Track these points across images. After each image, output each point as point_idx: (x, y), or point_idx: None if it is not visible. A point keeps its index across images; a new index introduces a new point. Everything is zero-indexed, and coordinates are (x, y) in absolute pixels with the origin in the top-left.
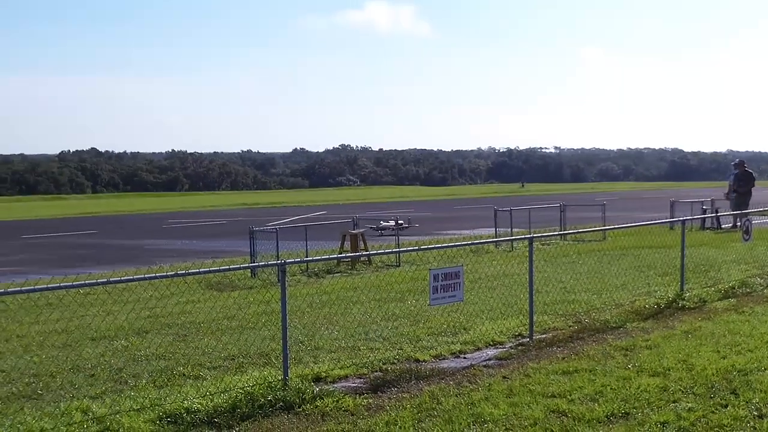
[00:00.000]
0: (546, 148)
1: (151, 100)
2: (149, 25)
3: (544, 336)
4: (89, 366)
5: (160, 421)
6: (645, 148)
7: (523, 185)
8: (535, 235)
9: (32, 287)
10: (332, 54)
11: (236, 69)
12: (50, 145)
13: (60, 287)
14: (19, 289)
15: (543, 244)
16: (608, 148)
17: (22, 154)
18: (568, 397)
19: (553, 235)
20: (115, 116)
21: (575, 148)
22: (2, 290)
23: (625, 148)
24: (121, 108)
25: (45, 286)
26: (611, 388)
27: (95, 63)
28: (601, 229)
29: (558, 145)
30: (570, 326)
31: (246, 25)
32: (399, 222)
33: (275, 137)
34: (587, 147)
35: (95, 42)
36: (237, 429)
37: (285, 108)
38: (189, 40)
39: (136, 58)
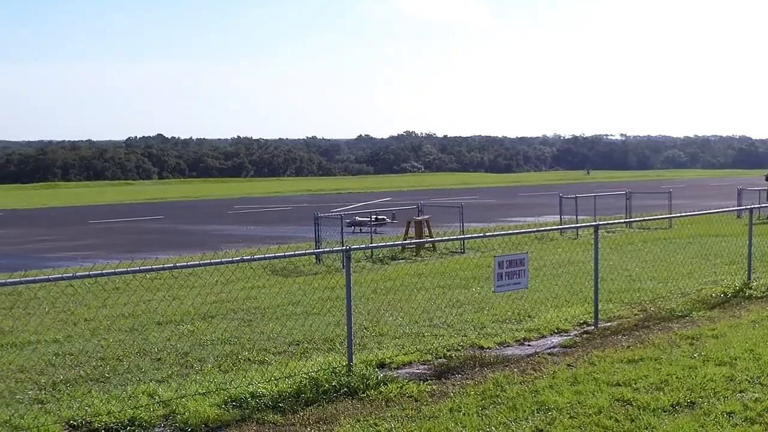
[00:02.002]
0: (612, 135)
1: (217, 87)
2: (214, 12)
3: (609, 324)
4: (155, 350)
5: (225, 405)
6: (712, 136)
7: (588, 172)
8: (600, 223)
9: (100, 272)
10: (394, 40)
11: (301, 55)
12: (117, 132)
13: (127, 272)
14: (87, 273)
15: (608, 232)
16: (675, 136)
17: (89, 140)
18: (633, 385)
19: (619, 222)
20: (182, 102)
21: (641, 135)
22: (70, 274)
23: (691, 135)
24: (187, 94)
25: (112, 270)
26: (677, 377)
27: (161, 49)
28: (667, 217)
29: (624, 132)
30: (635, 314)
31: (310, 11)
32: (379, 217)
33: (340, 124)
34: (653, 134)
35: (160, 28)
36: (301, 414)
37: (350, 94)
38: (253, 26)
39: (201, 44)
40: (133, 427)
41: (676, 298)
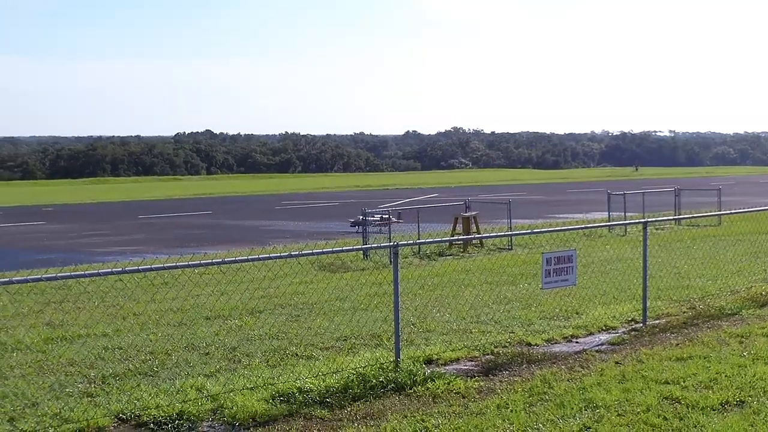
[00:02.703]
0: (660, 131)
1: (265, 83)
2: (263, 10)
3: (657, 322)
4: (204, 344)
5: (272, 399)
6: (762, 132)
7: (636, 169)
8: (649, 220)
9: (149, 266)
10: (441, 37)
11: (348, 51)
12: (166, 127)
13: (176, 267)
14: (136, 268)
15: (657, 229)
16: (724, 132)
17: (138, 136)
18: (682, 383)
19: (668, 219)
20: (230, 98)
21: (690, 131)
22: (120, 269)
23: (741, 132)
24: (236, 90)
25: (161, 265)
26: (726, 376)
27: (210, 46)
28: (717, 214)
29: (673, 129)
30: (684, 312)
31: (357, 8)
32: (384, 216)
33: (388, 120)
34: (702, 130)
35: (209, 26)
36: (349, 409)
37: (397, 91)
38: (301, 24)
39: (249, 41)
40: (181, 421)
41: (726, 296)
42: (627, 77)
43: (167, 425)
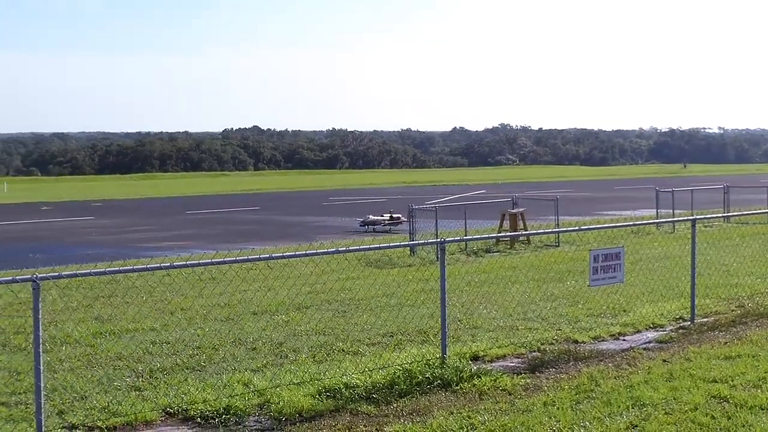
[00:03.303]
0: (709, 128)
1: (312, 79)
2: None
3: (705, 320)
4: (251, 339)
5: (319, 395)
6: None
7: (685, 166)
8: (697, 217)
9: (197, 262)
10: (488, 33)
11: (395, 46)
12: (214, 123)
13: (223, 262)
14: (184, 263)
15: (705, 226)
16: None
17: (186, 132)
18: (730, 382)
19: (717, 217)
20: (278, 94)
21: (740, 128)
22: (168, 264)
23: None
24: (283, 86)
25: (209, 260)
26: None
27: (257, 41)
28: (767, 212)
29: (722, 126)
30: (732, 310)
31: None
32: (394, 216)
33: (435, 116)
34: (752, 127)
35: (256, 20)
36: (395, 405)
37: (444, 87)
38: (348, 19)
39: (297, 36)
40: (228, 416)
41: None
42: (676, 73)
43: (214, 420)
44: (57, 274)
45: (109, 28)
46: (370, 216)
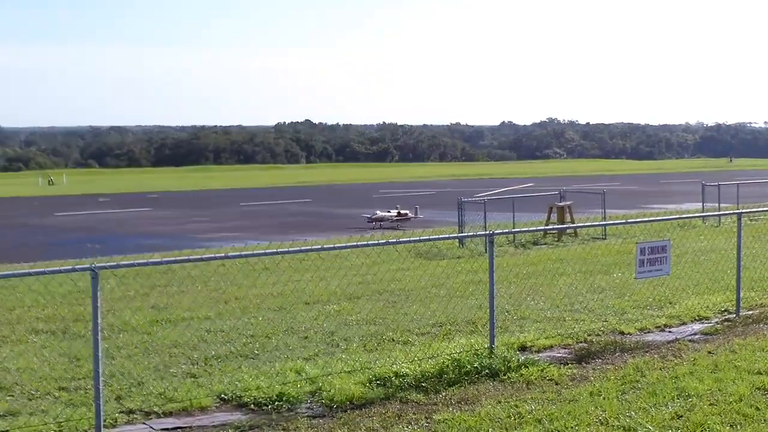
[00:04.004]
0: (755, 123)
1: (363, 74)
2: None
3: (750, 312)
4: (303, 329)
5: (369, 383)
6: None
7: (731, 160)
8: (743, 211)
9: (250, 252)
10: (536, 28)
11: (444, 41)
12: (267, 117)
13: (276, 253)
14: (238, 254)
15: (751, 220)
16: None
17: (240, 125)
18: None
19: (763, 210)
20: (329, 89)
21: None
22: (222, 254)
23: None
24: (335, 81)
25: (262, 251)
26: None
27: (309, 37)
28: None
29: None
30: None
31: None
32: (402, 212)
33: (483, 110)
34: None
35: (304, 17)
36: (444, 394)
37: (493, 81)
38: (398, 15)
39: (348, 33)
40: (280, 402)
41: None
42: (723, 68)
43: (267, 406)
44: (115, 263)
45: (167, 24)
46: (378, 212)
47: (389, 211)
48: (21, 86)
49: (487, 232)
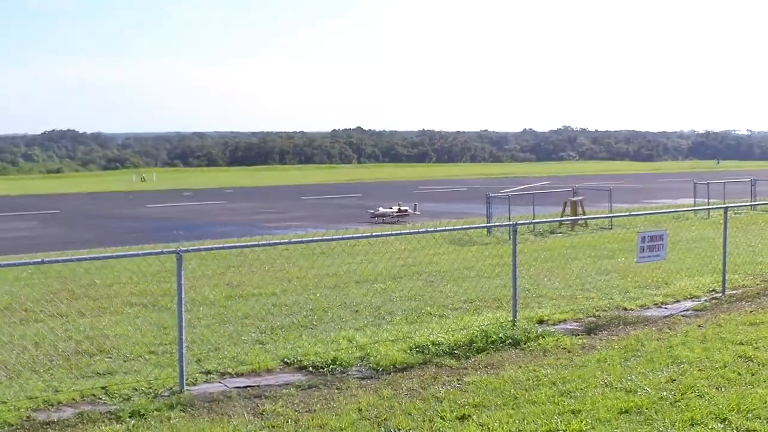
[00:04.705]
0: (739, 130)
1: (406, 87)
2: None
3: (734, 292)
4: (354, 303)
5: (410, 350)
6: None
7: (718, 162)
8: (729, 205)
9: (310, 238)
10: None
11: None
12: (324, 124)
13: (332, 239)
14: (300, 239)
15: (735, 213)
16: None
17: (302, 131)
18: (754, 344)
19: (745, 205)
20: (376, 100)
21: (765, 130)
22: (286, 240)
23: None
24: (381, 93)
25: (320, 238)
26: None
27: (361, 55)
28: None
29: (750, 128)
30: (757, 284)
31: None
32: (402, 208)
33: (508, 119)
34: None
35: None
36: (473, 360)
37: (516, 94)
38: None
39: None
40: (334, 366)
41: None
42: (712, 84)
43: (323, 369)
44: (196, 247)
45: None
46: (380, 209)
47: (391, 208)
48: (118, 97)
49: (511, 222)
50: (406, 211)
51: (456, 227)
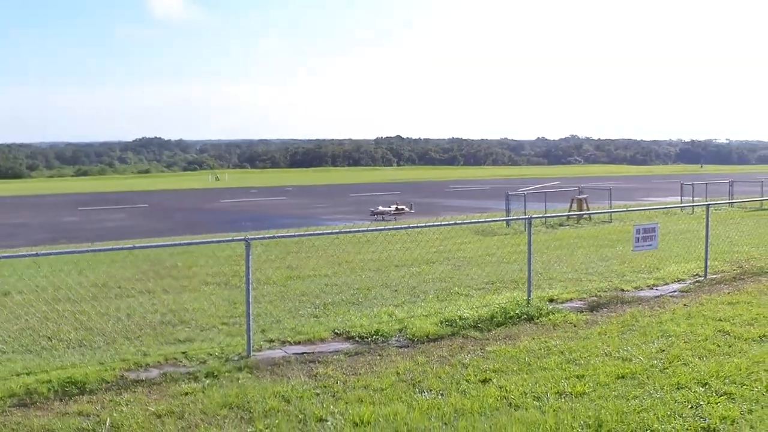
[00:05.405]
0: (719, 139)
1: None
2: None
3: (714, 276)
4: (393, 284)
5: (441, 324)
6: None
7: (702, 166)
8: (710, 203)
9: (357, 229)
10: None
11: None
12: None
13: (375, 230)
14: (348, 230)
15: (716, 210)
16: (766, 140)
17: (350, 139)
18: (731, 321)
19: (724, 202)
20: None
21: (741, 139)
22: (337, 231)
23: None
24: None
25: (366, 228)
26: (764, 316)
27: (399, 71)
28: (760, 199)
29: (728, 137)
30: (734, 270)
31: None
32: (399, 207)
33: (524, 128)
34: (750, 139)
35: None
36: (494, 332)
37: (531, 106)
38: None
39: (424, 67)
40: (377, 336)
41: (765, 259)
42: (695, 99)
43: (367, 338)
44: (261, 236)
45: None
46: (380, 207)
47: (389, 207)
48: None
49: (527, 216)
50: (403, 209)
51: (480, 220)
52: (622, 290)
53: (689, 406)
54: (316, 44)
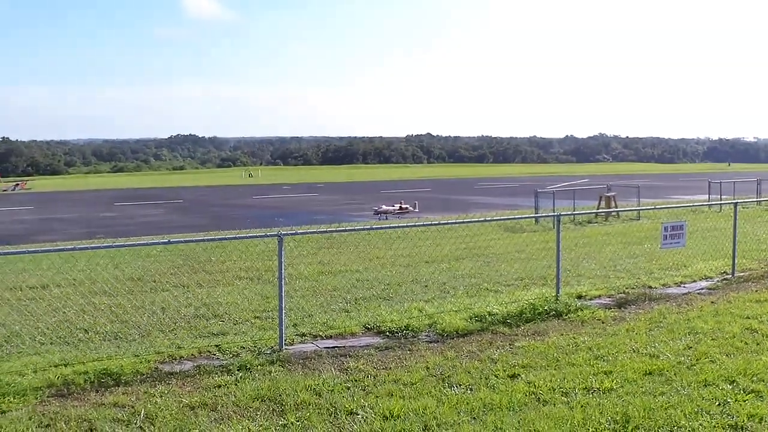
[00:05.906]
0: (747, 137)
1: (468, 99)
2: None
3: (742, 274)
4: (423, 280)
5: (470, 319)
6: None
7: (729, 164)
8: (738, 201)
9: (387, 226)
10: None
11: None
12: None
13: (406, 226)
14: (379, 226)
15: (743, 208)
16: None
17: (380, 136)
18: (759, 318)
19: (752, 201)
20: (444, 110)
21: None
22: (368, 227)
23: None
24: (447, 103)
25: (396, 225)
26: None
27: (427, 73)
28: None
29: (756, 135)
30: (762, 268)
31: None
32: (403, 206)
33: (553, 126)
34: None
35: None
36: (522, 328)
37: (560, 105)
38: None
39: (453, 69)
40: (407, 331)
41: None
42: (724, 97)
43: (398, 333)
44: (294, 231)
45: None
46: (383, 206)
47: (393, 206)
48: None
49: (555, 213)
50: (407, 209)
51: (509, 217)
52: (650, 287)
53: (716, 404)
54: (351, 50)
